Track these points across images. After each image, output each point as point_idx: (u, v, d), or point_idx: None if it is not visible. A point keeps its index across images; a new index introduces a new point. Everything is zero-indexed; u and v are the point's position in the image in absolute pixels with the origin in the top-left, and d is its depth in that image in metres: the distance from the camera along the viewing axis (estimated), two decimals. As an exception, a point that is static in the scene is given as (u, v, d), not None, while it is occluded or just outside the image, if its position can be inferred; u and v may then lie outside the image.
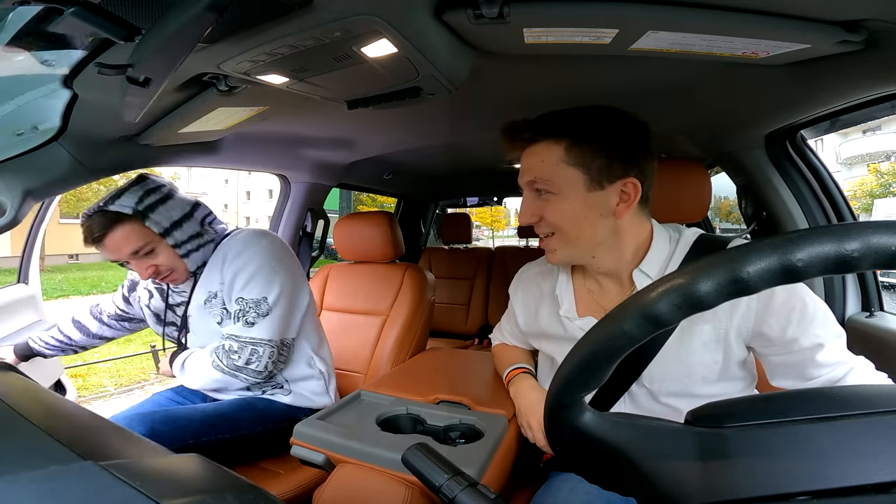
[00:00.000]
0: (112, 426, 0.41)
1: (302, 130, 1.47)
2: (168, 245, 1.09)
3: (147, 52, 0.60)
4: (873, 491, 0.25)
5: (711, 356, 0.73)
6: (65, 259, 14.75)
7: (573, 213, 0.74)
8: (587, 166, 0.72)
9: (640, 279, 0.77)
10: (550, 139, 0.74)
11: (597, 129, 0.73)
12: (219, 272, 1.14)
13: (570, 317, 0.84)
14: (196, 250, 1.13)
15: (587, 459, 0.37)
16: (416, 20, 0.68)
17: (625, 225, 0.76)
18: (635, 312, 0.30)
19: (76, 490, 0.27)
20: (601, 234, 0.75)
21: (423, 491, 0.70)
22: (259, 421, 1.15)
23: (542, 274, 0.94)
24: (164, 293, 1.23)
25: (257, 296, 1.11)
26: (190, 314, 1.20)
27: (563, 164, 0.73)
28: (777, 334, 0.69)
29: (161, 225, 1.07)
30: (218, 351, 1.12)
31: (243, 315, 1.10)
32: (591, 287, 0.85)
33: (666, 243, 0.78)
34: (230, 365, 1.10)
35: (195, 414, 1.07)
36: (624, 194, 0.73)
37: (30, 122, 0.95)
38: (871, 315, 1.30)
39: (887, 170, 14.24)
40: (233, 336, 1.11)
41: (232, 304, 1.12)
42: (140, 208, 1.04)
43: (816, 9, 0.65)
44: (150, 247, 1.08)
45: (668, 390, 0.77)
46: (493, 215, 20.82)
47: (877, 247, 0.25)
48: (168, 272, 1.12)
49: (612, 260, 0.79)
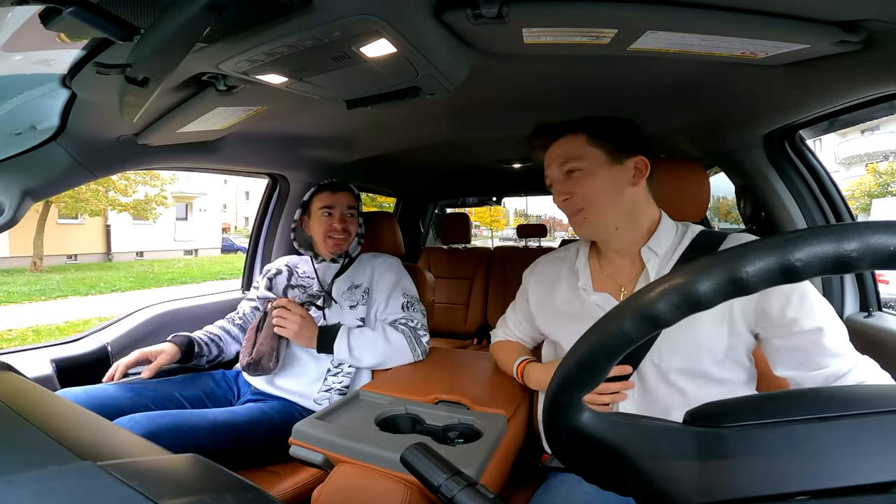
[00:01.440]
0: (111, 426, 0.41)
1: (301, 130, 1.47)
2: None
3: (146, 51, 0.60)
4: (872, 491, 0.25)
5: (718, 330, 0.78)
6: (63, 259, 14.73)
7: (602, 184, 0.85)
8: (605, 147, 0.86)
9: (648, 255, 0.86)
10: (571, 133, 0.88)
11: (606, 126, 0.87)
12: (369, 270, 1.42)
13: (586, 290, 0.91)
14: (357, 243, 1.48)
15: (586, 459, 0.37)
16: (415, 20, 0.68)
17: (641, 201, 0.87)
18: (634, 312, 0.30)
19: (75, 490, 0.27)
20: (625, 205, 0.86)
21: (422, 491, 0.70)
22: (273, 435, 1.12)
23: (560, 259, 1.02)
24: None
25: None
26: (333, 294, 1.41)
27: (587, 144, 0.86)
28: (777, 314, 0.73)
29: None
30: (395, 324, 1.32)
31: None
32: (605, 265, 0.93)
33: (673, 230, 0.88)
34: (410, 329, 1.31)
35: (202, 422, 1.05)
36: (637, 169, 0.86)
37: (28, 122, 0.95)
38: (869, 315, 1.31)
39: (885, 170, 14.27)
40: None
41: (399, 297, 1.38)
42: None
43: (815, 9, 0.65)
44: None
45: (678, 367, 0.79)
46: (492, 215, 20.84)
47: (875, 247, 0.25)
48: (346, 235, 1.43)
49: (630, 235, 0.88)
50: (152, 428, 0.96)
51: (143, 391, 1.16)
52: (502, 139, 1.77)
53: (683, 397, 0.79)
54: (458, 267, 2.91)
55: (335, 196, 1.43)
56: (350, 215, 1.44)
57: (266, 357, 1.24)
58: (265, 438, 1.12)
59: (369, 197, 5.65)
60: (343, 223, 1.41)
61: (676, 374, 0.80)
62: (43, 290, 9.65)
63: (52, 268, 13.21)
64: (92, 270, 13.35)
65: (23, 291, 9.54)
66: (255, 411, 1.17)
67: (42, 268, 12.50)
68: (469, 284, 2.86)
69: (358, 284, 1.40)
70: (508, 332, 1.13)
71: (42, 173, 1.05)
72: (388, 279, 1.40)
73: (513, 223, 25.27)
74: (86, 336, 1.45)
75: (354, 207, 1.46)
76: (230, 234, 23.85)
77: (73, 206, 13.09)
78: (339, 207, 1.42)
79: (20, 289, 9.78)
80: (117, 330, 1.47)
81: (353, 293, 1.38)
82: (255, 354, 1.24)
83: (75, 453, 0.30)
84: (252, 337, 1.28)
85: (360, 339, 1.25)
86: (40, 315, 7.72)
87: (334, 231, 1.40)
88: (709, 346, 0.78)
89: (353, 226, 1.45)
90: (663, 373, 0.80)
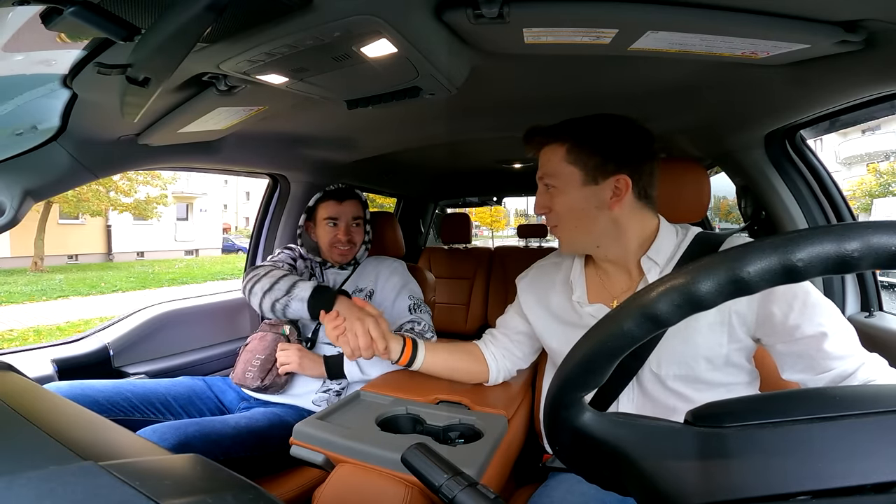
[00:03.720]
0: (112, 426, 0.41)
1: (301, 130, 1.47)
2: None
3: (146, 51, 0.60)
4: (873, 491, 0.25)
5: (716, 338, 0.76)
6: (64, 259, 14.75)
7: (572, 204, 0.84)
8: (584, 164, 0.82)
9: (648, 265, 0.83)
10: (556, 142, 0.85)
11: (594, 133, 0.83)
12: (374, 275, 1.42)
13: (581, 302, 0.90)
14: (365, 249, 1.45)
15: (586, 459, 0.37)
16: (415, 20, 0.68)
17: (624, 218, 0.83)
18: (636, 312, 0.30)
19: (75, 490, 0.27)
20: (600, 225, 0.84)
21: (423, 491, 0.70)
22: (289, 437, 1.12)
23: (555, 265, 1.00)
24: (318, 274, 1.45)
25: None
26: None
27: (564, 162, 0.83)
28: (779, 321, 0.71)
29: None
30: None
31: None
32: (601, 276, 0.91)
33: (673, 237, 0.85)
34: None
35: (226, 429, 1.05)
36: (616, 189, 0.82)
37: (29, 122, 0.95)
38: (870, 315, 1.30)
39: (886, 169, 14.25)
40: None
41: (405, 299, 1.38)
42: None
43: (815, 9, 0.65)
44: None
45: (675, 374, 0.79)
46: (492, 215, 20.85)
47: (877, 247, 0.25)
48: (351, 246, 1.40)
49: (617, 249, 0.85)
50: (184, 438, 0.95)
51: (128, 390, 1.15)
52: (503, 139, 1.77)
53: (683, 400, 0.79)
54: (458, 267, 2.91)
55: (340, 206, 1.39)
56: (356, 225, 1.42)
57: (277, 386, 1.25)
58: (283, 441, 1.12)
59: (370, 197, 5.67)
60: (348, 234, 1.38)
61: (674, 381, 0.79)
62: (44, 291, 9.66)
63: (53, 268, 13.23)
64: (93, 270, 13.36)
65: (24, 291, 9.56)
66: (269, 417, 1.16)
67: (43, 268, 12.51)
68: (470, 284, 2.86)
69: (362, 288, 1.40)
70: (487, 339, 1.07)
71: (43, 173, 1.05)
72: (394, 282, 1.39)
73: (513, 223, 25.24)
74: (87, 336, 1.45)
75: (360, 217, 1.42)
76: (231, 234, 23.85)
77: (74, 205, 13.10)
78: (345, 218, 1.39)
79: (21, 289, 9.80)
80: (118, 330, 1.48)
81: (357, 297, 1.38)
82: (267, 380, 1.24)
83: (76, 453, 0.30)
84: (270, 361, 1.26)
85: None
86: (41, 315, 7.73)
87: (339, 242, 1.38)
88: (706, 354, 0.77)
89: (359, 235, 1.42)
90: (661, 379, 0.80)
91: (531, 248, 3.08)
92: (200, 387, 1.30)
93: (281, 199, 1.95)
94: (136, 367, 1.44)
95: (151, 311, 1.59)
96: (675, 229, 0.86)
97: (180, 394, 1.24)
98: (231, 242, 21.58)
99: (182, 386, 1.26)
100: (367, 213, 1.46)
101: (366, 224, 1.45)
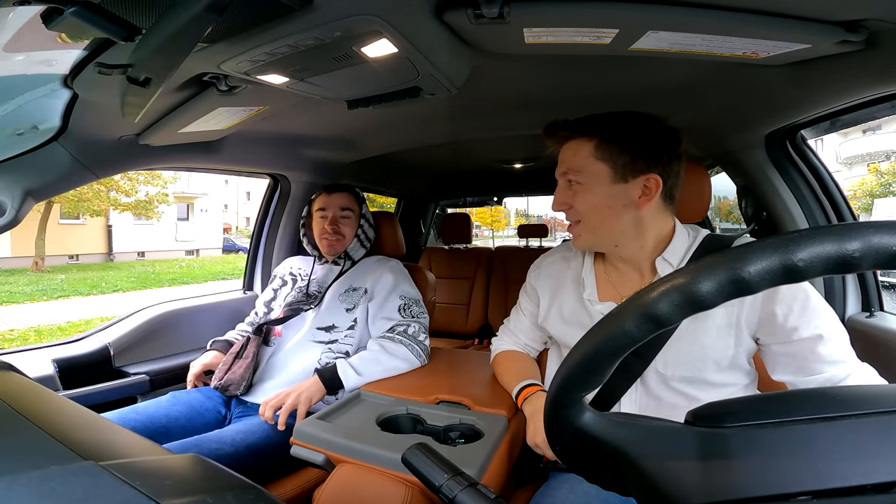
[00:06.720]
0: (112, 426, 0.41)
1: (302, 130, 1.47)
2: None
3: (147, 51, 0.60)
4: (873, 491, 0.25)
5: (724, 341, 0.76)
6: (65, 259, 14.76)
7: (598, 202, 0.81)
8: (613, 161, 0.79)
9: (663, 266, 0.82)
10: (583, 137, 0.82)
11: (624, 130, 0.80)
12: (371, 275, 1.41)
13: (591, 300, 0.89)
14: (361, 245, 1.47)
15: (587, 459, 0.37)
16: (416, 20, 0.68)
17: (648, 218, 0.82)
18: (636, 312, 0.30)
19: (76, 490, 0.27)
20: (623, 224, 0.81)
21: (423, 491, 0.70)
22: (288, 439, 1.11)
23: (564, 259, 0.98)
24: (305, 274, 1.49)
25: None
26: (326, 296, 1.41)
27: (592, 158, 0.80)
28: (780, 322, 0.72)
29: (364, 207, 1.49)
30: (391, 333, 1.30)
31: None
32: (611, 274, 0.89)
33: (686, 238, 0.84)
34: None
35: (224, 447, 1.03)
36: (646, 188, 0.79)
37: (30, 122, 0.95)
38: (871, 315, 1.30)
39: (887, 169, 14.22)
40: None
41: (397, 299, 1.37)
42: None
43: (816, 9, 0.65)
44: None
45: (681, 375, 0.79)
46: (493, 215, 20.84)
47: (878, 247, 0.25)
48: (339, 237, 1.42)
49: (633, 249, 0.84)
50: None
51: (132, 419, 1.11)
52: (503, 139, 1.77)
53: (686, 400, 0.79)
54: (459, 267, 2.91)
55: (329, 197, 1.44)
56: (344, 216, 1.44)
57: (235, 385, 1.24)
58: (282, 449, 1.08)
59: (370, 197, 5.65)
60: (334, 224, 1.41)
61: (679, 382, 0.79)
62: (45, 290, 9.67)
63: (54, 268, 13.22)
64: (93, 270, 13.37)
65: (24, 291, 9.56)
66: (266, 428, 1.13)
67: (44, 268, 12.51)
68: (470, 284, 2.86)
69: (356, 287, 1.40)
70: (517, 341, 1.07)
71: (44, 173, 1.05)
72: (387, 280, 1.40)
73: (514, 223, 25.25)
74: (87, 336, 1.46)
75: (349, 208, 1.44)
76: (231, 234, 23.85)
77: (75, 205, 13.11)
78: (332, 209, 1.42)
79: (22, 289, 9.80)
80: (119, 330, 1.48)
81: (350, 296, 1.39)
82: (224, 381, 1.24)
83: (77, 453, 0.30)
84: (229, 361, 1.28)
85: (360, 360, 1.22)
86: (42, 315, 7.74)
87: (325, 232, 1.40)
88: (714, 356, 0.77)
89: (348, 227, 1.44)
90: (666, 380, 0.80)
91: (532, 248, 3.08)
92: (198, 399, 1.27)
93: (281, 199, 1.95)
94: (137, 367, 1.44)
95: (152, 311, 1.59)
96: (688, 231, 0.86)
97: (181, 413, 1.20)
98: (232, 242, 21.57)
99: (182, 404, 1.23)
100: (362, 208, 1.47)
101: (361, 219, 1.46)
